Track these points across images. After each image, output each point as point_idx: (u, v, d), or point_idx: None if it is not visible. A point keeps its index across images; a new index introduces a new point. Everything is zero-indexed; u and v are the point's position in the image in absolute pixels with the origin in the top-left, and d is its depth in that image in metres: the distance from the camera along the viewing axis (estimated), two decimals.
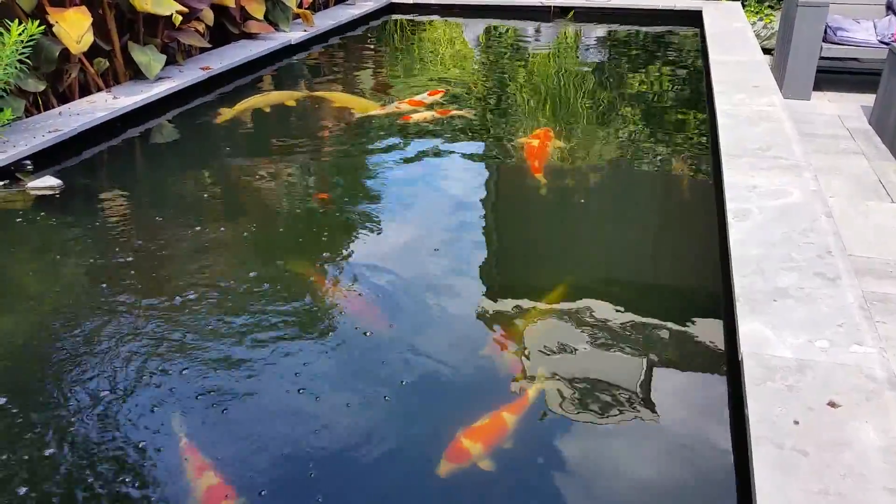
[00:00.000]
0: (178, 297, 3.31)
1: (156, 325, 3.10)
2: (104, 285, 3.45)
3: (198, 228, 3.97)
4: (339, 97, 6.28)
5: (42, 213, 4.16)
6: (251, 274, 3.53)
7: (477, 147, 5.26)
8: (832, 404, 2.25)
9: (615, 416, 2.61)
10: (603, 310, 3.25)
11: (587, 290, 3.47)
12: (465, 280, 3.54)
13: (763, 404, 2.25)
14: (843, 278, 2.91)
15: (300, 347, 2.97)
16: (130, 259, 3.65)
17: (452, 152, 5.10)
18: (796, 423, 2.18)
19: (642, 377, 2.81)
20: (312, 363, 2.87)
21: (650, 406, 2.65)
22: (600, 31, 9.12)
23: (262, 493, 2.27)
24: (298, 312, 3.22)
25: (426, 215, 4.26)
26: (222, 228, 4.01)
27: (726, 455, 2.40)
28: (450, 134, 5.41)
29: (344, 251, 3.78)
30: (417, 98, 6.10)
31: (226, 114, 5.82)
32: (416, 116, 5.68)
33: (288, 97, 6.31)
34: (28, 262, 3.74)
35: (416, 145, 5.22)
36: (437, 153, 5.08)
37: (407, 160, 4.99)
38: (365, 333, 3.06)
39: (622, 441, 2.53)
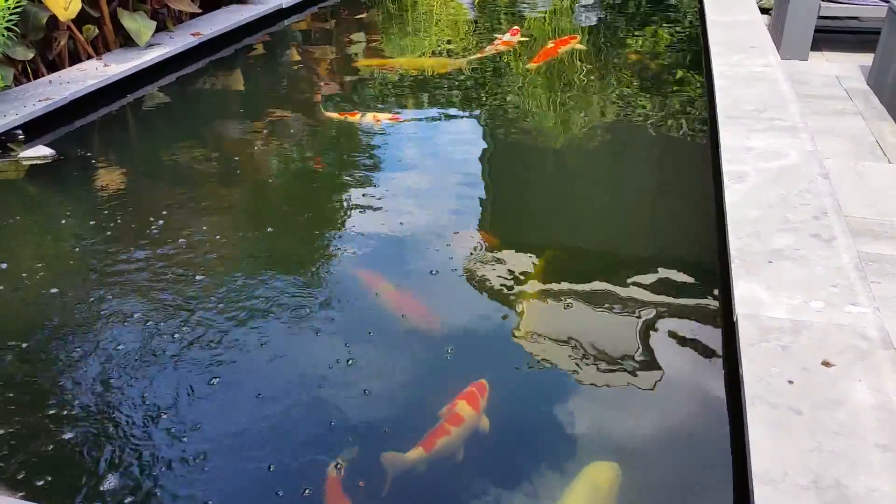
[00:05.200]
0: (175, 265, 3.30)
1: (154, 289, 3.10)
2: (99, 254, 3.44)
3: (192, 195, 3.95)
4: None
5: (35, 183, 4.13)
6: (247, 234, 3.52)
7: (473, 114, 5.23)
8: (826, 364, 2.27)
9: (612, 376, 2.63)
10: (599, 271, 3.25)
11: (583, 251, 3.47)
12: (463, 236, 3.58)
13: (758, 364, 2.27)
14: (839, 239, 2.92)
15: (303, 308, 2.98)
16: (125, 226, 3.64)
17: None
18: (790, 382, 2.20)
19: (638, 338, 2.83)
20: (315, 322, 2.90)
21: (646, 367, 2.67)
22: None
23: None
24: (298, 271, 3.23)
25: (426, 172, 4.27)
26: (217, 194, 3.99)
27: (722, 414, 2.43)
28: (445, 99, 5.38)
29: (344, 216, 3.78)
30: (506, 38, 6.79)
31: (359, 62, 6.52)
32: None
33: (439, 64, 6.39)
34: (23, 232, 3.73)
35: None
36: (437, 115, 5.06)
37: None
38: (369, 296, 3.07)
39: (619, 402, 2.55)
